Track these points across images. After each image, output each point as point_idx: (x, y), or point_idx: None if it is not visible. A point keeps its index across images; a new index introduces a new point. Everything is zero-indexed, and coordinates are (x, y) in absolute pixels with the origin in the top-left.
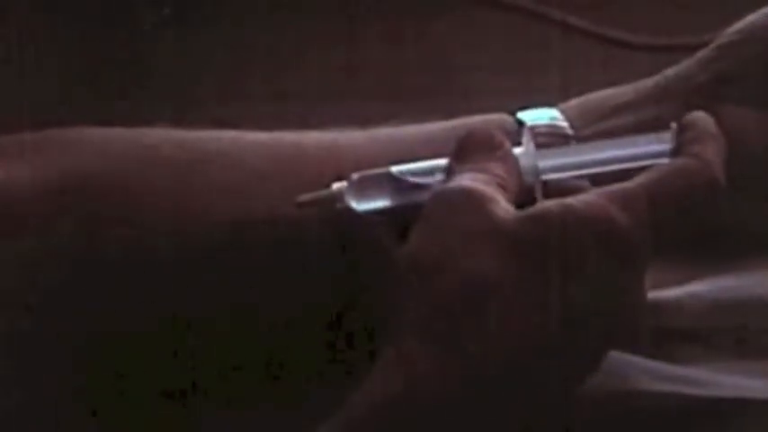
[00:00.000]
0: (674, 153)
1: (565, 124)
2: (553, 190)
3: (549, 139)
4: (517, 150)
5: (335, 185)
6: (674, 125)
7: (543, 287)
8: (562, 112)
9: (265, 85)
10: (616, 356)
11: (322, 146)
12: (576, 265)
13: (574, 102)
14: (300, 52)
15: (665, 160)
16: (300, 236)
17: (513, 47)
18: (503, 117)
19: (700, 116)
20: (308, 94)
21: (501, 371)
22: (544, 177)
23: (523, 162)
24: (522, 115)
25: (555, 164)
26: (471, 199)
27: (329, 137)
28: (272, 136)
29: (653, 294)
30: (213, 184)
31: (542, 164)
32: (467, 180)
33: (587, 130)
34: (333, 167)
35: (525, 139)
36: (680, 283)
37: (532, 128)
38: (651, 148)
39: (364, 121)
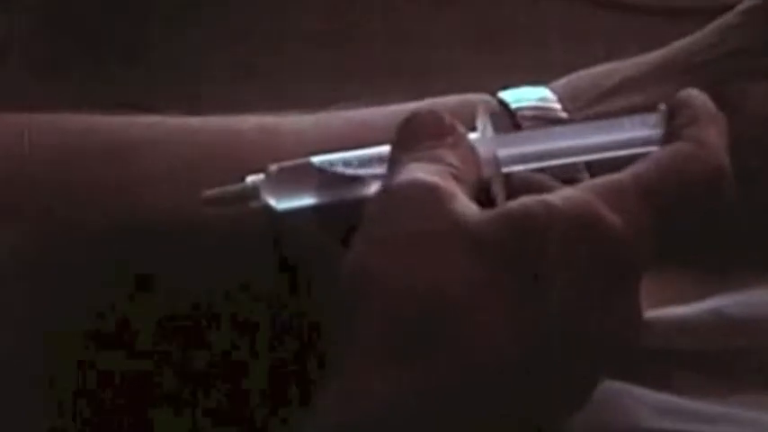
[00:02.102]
0: (667, 138)
1: (556, 106)
2: (518, 185)
3: (536, 123)
4: (472, 136)
5: (250, 179)
6: (662, 106)
7: (517, 301)
8: (553, 91)
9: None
10: (615, 387)
11: (264, 131)
12: (557, 272)
13: (566, 79)
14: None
15: (656, 148)
16: (229, 236)
17: (497, 14)
18: (482, 97)
19: (693, 93)
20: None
21: (469, 402)
22: (506, 169)
23: (482, 151)
24: (504, 95)
25: (519, 152)
26: (426, 195)
27: (271, 121)
28: (207, 120)
29: (650, 312)
30: (134, 175)
31: (503, 152)
32: (418, 172)
33: (582, 112)
34: (271, 157)
35: (480, 121)
36: (683, 298)
37: (517, 110)
38: (638, 133)
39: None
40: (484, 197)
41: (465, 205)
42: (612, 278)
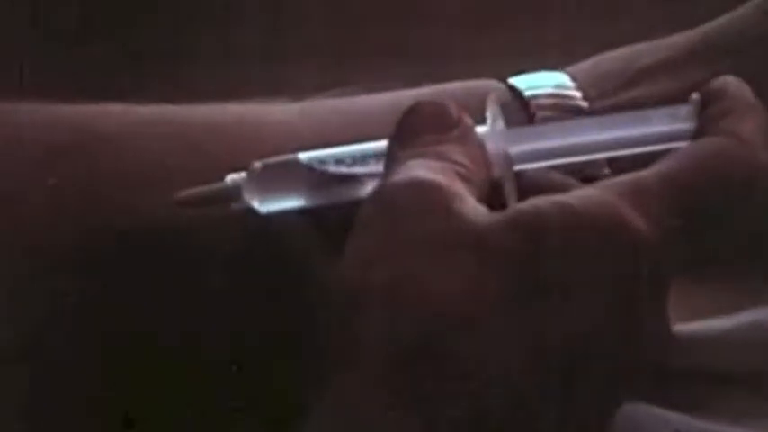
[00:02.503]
0: (699, 132)
1: (576, 94)
2: (532, 185)
3: (553, 113)
4: (481, 130)
5: (230, 178)
6: (695, 96)
7: (530, 316)
8: (572, 76)
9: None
10: (640, 411)
11: (246, 123)
12: (575, 284)
13: (588, 63)
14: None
15: (686, 143)
16: (206, 243)
17: None
18: (491, 84)
19: (729, 81)
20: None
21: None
22: (519, 167)
23: (491, 146)
24: (517, 81)
25: (533, 148)
26: (428, 196)
27: (255, 111)
28: (184, 111)
29: (681, 326)
30: (101, 173)
31: (516, 148)
32: (419, 170)
33: (607, 100)
34: (254, 152)
35: (490, 112)
36: (716, 310)
37: (532, 99)
38: (667, 126)
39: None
40: (494, 199)
41: (472, 208)
42: (637, 289)
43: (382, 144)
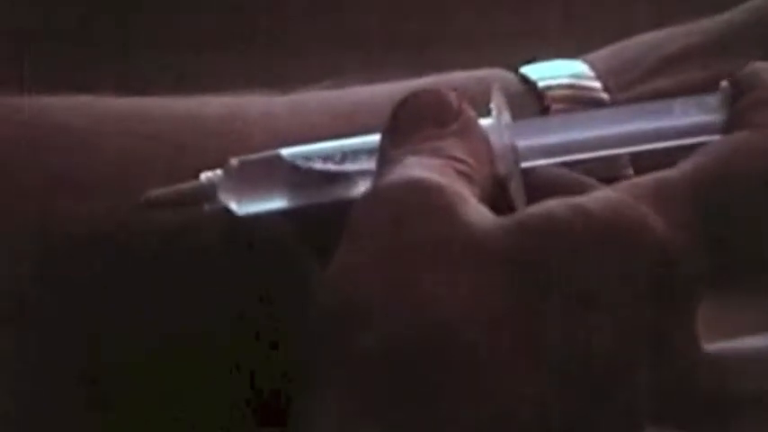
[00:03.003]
0: (730, 125)
1: (595, 84)
2: (542, 184)
3: (569, 107)
4: (485, 122)
5: (204, 175)
6: (724, 84)
7: (541, 334)
8: (591, 65)
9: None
10: None
11: (226, 118)
12: (592, 297)
13: (606, 51)
14: None
15: (716, 137)
16: (176, 249)
17: None
18: (498, 73)
19: (764, 68)
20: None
21: None
22: (527, 164)
23: (495, 140)
24: (528, 70)
25: (544, 142)
26: (427, 198)
27: (236, 105)
28: (158, 104)
29: (713, 345)
30: (61, 172)
31: (524, 142)
32: (416, 169)
33: (629, 92)
34: (234, 149)
35: (495, 102)
36: (750, 327)
37: (545, 90)
38: (694, 118)
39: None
40: (500, 199)
41: (475, 211)
42: (662, 304)
43: (375, 138)
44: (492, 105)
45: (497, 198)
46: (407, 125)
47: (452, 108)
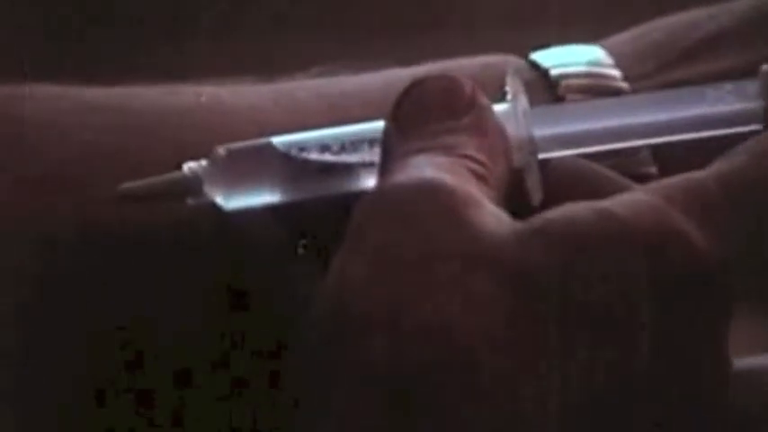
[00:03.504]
0: None
1: (615, 72)
2: (562, 177)
3: (587, 97)
4: (499, 108)
5: (188, 166)
6: (765, 68)
7: (564, 348)
8: (610, 51)
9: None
10: None
11: (210, 108)
12: (619, 309)
13: (627, 35)
14: None
15: (755, 127)
16: (154, 248)
17: None
18: (506, 60)
19: None
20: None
21: None
22: (544, 155)
23: (511, 129)
24: (540, 57)
25: (563, 131)
26: (438, 202)
27: (221, 94)
28: (136, 94)
29: (746, 360)
30: (30, 168)
31: (541, 132)
32: (426, 169)
33: (651, 80)
34: (218, 142)
35: (510, 88)
36: None
37: (560, 79)
38: (729, 106)
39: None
40: (515, 194)
41: (490, 215)
42: (695, 317)
43: (377, 126)
44: (507, 89)
45: (512, 192)
46: (414, 117)
47: (464, 97)
